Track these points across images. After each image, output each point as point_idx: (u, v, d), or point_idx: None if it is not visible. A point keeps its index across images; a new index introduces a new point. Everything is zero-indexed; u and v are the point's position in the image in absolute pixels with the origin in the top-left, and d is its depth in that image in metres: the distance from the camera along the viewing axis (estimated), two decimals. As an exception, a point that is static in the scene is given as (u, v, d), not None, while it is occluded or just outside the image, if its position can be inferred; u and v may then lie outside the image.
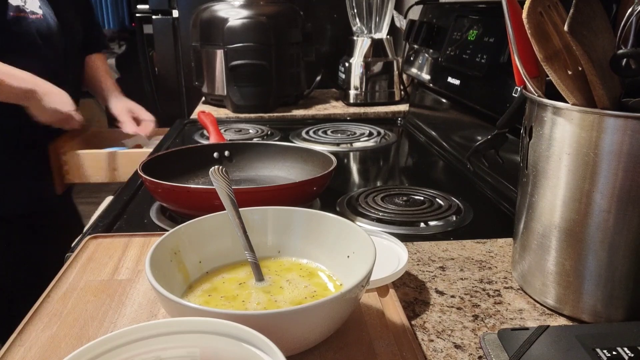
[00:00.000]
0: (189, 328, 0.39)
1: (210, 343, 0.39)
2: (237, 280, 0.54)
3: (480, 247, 0.68)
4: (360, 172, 1.12)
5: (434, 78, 1.28)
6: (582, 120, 0.47)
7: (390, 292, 0.56)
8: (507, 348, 0.46)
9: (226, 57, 1.46)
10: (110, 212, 0.82)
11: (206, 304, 0.50)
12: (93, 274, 0.61)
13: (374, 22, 1.58)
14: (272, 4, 1.53)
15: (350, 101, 1.59)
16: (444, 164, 1.10)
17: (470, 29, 1.10)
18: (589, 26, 0.46)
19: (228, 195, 0.55)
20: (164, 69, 1.99)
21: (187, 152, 0.94)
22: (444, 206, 0.81)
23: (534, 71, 0.52)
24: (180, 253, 0.53)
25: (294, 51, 1.55)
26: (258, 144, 0.99)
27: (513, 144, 0.68)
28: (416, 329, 0.51)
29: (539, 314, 0.53)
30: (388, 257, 0.60)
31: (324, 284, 0.53)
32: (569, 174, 0.49)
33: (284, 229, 0.58)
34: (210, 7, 1.52)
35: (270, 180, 0.90)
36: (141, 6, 1.98)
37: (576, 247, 0.50)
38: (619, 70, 0.46)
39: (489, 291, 0.58)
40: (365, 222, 0.76)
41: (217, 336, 0.38)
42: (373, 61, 1.56)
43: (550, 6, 0.49)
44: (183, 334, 0.39)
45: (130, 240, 0.69)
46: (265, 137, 1.29)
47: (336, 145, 1.22)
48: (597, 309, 0.51)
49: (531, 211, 0.55)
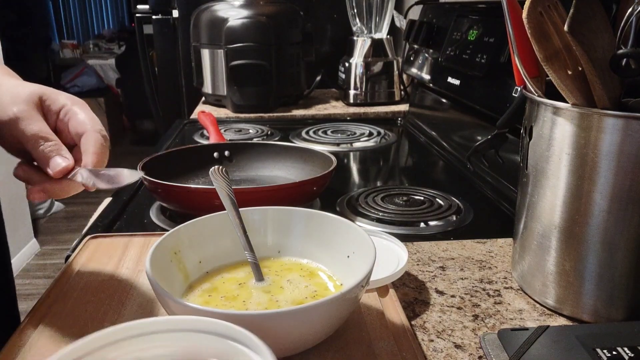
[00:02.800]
0: (168, 327, 0.38)
1: (192, 341, 0.38)
2: (237, 280, 0.54)
3: (480, 247, 0.68)
4: (360, 172, 1.12)
5: (434, 78, 1.28)
6: (582, 120, 0.47)
7: (390, 292, 0.56)
8: (507, 348, 0.46)
9: (226, 57, 1.46)
10: (110, 212, 0.82)
11: (206, 304, 0.50)
12: (93, 274, 0.61)
13: (374, 22, 1.58)
14: (272, 4, 1.53)
15: (350, 101, 1.59)
16: (444, 164, 1.10)
17: (470, 29, 1.10)
18: (589, 26, 0.46)
19: (228, 195, 0.55)
20: (164, 69, 1.99)
21: (187, 152, 0.94)
22: (444, 206, 0.81)
23: (534, 71, 0.52)
24: (180, 253, 0.53)
25: (294, 51, 1.55)
26: (258, 144, 0.99)
27: (513, 144, 0.68)
28: (416, 329, 0.51)
29: (539, 314, 0.53)
30: (388, 257, 0.60)
31: (325, 284, 0.53)
32: (569, 174, 0.49)
33: (284, 229, 0.58)
34: (210, 7, 1.52)
35: (270, 180, 0.90)
36: (141, 6, 1.97)
37: (576, 247, 0.50)
38: (619, 70, 0.46)
39: (489, 291, 0.58)
40: (365, 222, 0.76)
41: (199, 334, 0.38)
42: (373, 61, 1.56)
43: (550, 6, 0.49)
44: (163, 333, 0.38)
45: (130, 240, 0.69)
46: (265, 137, 1.29)
47: (336, 145, 1.22)
48: (597, 309, 0.51)
49: (531, 211, 0.55)
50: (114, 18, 6.81)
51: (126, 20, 6.63)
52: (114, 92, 5.12)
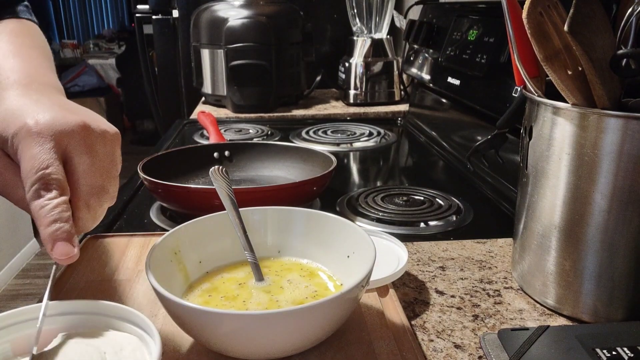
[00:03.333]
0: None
1: (23, 333, 0.42)
2: (237, 280, 0.54)
3: (480, 247, 0.68)
4: (360, 172, 1.12)
5: (434, 78, 1.28)
6: (582, 120, 0.47)
7: (390, 292, 0.56)
8: (507, 348, 0.46)
9: (226, 57, 1.46)
10: (110, 212, 0.82)
11: (206, 304, 0.50)
12: (93, 274, 0.61)
13: (374, 22, 1.58)
14: (272, 4, 1.53)
15: (350, 101, 1.59)
16: (444, 164, 1.10)
17: (470, 29, 1.10)
18: (589, 26, 0.46)
19: (228, 195, 0.55)
20: (164, 69, 1.99)
21: (187, 152, 0.94)
22: (444, 206, 0.81)
23: (534, 71, 0.52)
24: (180, 253, 0.53)
25: (294, 51, 1.55)
26: (258, 144, 0.99)
27: (513, 144, 0.68)
28: (416, 329, 0.51)
29: (539, 314, 0.53)
30: (388, 257, 0.60)
31: (325, 284, 0.53)
32: (569, 174, 0.49)
33: (284, 229, 0.58)
34: (210, 7, 1.52)
35: (270, 180, 0.90)
36: (141, 6, 1.97)
37: (576, 247, 0.50)
38: (619, 70, 0.46)
39: (489, 291, 0.58)
40: (365, 222, 0.76)
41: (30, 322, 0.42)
42: (373, 61, 1.56)
43: (550, 6, 0.49)
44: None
45: (130, 240, 0.69)
46: (265, 137, 1.29)
47: (336, 145, 1.22)
48: (597, 309, 0.51)
49: (531, 211, 0.55)
50: (114, 18, 6.82)
51: (126, 20, 6.63)
52: (115, 91, 5.12)
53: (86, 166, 0.44)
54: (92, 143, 0.44)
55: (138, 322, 0.42)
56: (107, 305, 0.44)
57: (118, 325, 0.44)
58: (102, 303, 0.44)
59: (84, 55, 5.58)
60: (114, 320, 0.44)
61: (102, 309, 0.44)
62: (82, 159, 0.43)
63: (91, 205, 0.44)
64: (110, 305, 0.44)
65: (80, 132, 0.44)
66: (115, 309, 0.44)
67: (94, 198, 0.44)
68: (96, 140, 0.45)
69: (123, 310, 0.43)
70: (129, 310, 0.43)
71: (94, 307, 0.44)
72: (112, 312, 0.44)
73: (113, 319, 0.44)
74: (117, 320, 0.44)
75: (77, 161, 0.43)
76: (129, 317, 0.43)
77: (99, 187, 0.44)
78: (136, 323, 0.43)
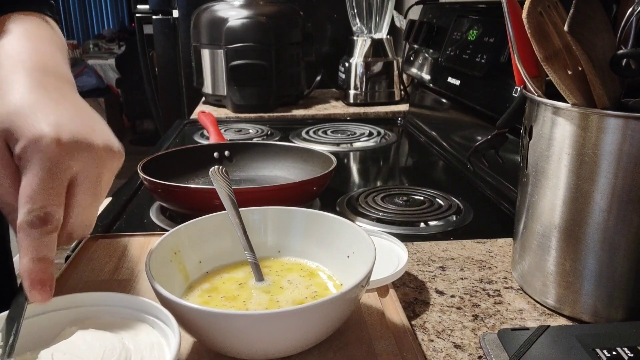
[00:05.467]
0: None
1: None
2: (237, 281, 0.54)
3: (480, 247, 0.68)
4: (360, 172, 1.12)
5: (434, 78, 1.28)
6: (582, 120, 0.47)
7: (390, 292, 0.56)
8: (507, 348, 0.46)
9: (226, 57, 1.46)
10: (110, 212, 0.82)
11: (206, 304, 0.50)
12: (93, 274, 0.61)
13: (374, 22, 1.58)
14: (272, 4, 1.53)
15: (350, 101, 1.59)
16: (444, 164, 1.10)
17: (470, 29, 1.10)
18: (589, 26, 0.46)
19: (228, 195, 0.55)
20: (164, 69, 1.99)
21: (187, 152, 0.94)
22: (444, 206, 0.81)
23: (534, 71, 0.52)
24: (180, 253, 0.53)
25: (294, 51, 1.55)
26: (258, 144, 0.99)
27: (513, 144, 0.68)
28: (416, 329, 0.51)
29: (539, 314, 0.53)
30: (388, 257, 0.60)
31: (325, 284, 0.53)
32: (569, 174, 0.49)
33: (284, 229, 0.58)
34: (210, 7, 1.52)
35: (270, 180, 0.90)
36: (141, 6, 1.97)
37: (576, 247, 0.50)
38: (619, 70, 0.46)
39: (489, 291, 0.58)
40: (365, 222, 0.76)
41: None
42: (373, 61, 1.56)
43: (550, 6, 0.49)
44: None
45: (130, 240, 0.69)
46: (265, 137, 1.29)
47: (336, 145, 1.22)
48: (597, 309, 0.51)
49: (531, 211, 0.55)
50: (114, 18, 6.82)
51: (126, 20, 6.63)
52: (114, 92, 5.12)
53: (87, 203, 0.41)
54: (100, 173, 0.42)
55: (154, 312, 0.44)
56: (120, 297, 0.46)
57: (132, 315, 0.45)
58: (115, 294, 0.46)
59: (83, 56, 5.58)
60: (127, 310, 0.45)
61: (114, 300, 0.46)
62: (86, 195, 0.41)
63: (73, 237, 0.42)
64: (122, 297, 0.46)
65: (96, 160, 0.41)
66: (128, 299, 0.45)
67: (79, 231, 0.42)
68: (104, 169, 0.42)
69: (138, 301, 0.45)
70: (143, 301, 0.44)
71: (107, 298, 0.46)
72: (126, 304, 0.45)
73: (127, 309, 0.45)
74: (130, 310, 0.45)
75: (80, 198, 0.41)
76: (143, 307, 0.44)
77: (89, 225, 0.42)
78: (152, 313, 0.44)
